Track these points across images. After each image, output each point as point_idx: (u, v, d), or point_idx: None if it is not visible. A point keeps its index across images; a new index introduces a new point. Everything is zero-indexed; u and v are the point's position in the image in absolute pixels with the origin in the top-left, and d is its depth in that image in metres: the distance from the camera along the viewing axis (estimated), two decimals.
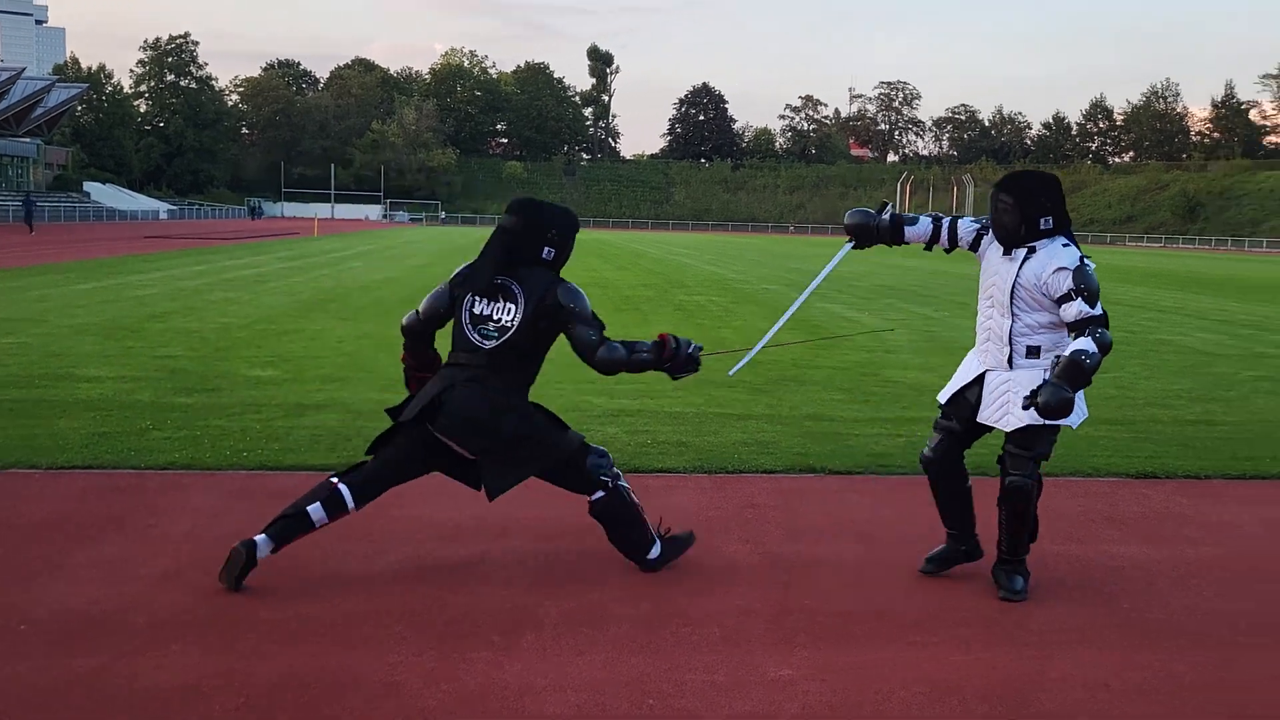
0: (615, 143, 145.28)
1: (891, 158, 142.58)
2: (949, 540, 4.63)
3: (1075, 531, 5.30)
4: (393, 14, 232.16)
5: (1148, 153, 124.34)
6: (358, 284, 19.89)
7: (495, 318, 4.24)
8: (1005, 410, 4.29)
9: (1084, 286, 4.08)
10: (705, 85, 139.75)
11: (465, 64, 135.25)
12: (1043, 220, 4.22)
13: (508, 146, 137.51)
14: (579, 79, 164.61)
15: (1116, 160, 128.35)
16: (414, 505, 5.37)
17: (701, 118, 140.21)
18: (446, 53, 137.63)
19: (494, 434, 4.19)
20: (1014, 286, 4.24)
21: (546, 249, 4.30)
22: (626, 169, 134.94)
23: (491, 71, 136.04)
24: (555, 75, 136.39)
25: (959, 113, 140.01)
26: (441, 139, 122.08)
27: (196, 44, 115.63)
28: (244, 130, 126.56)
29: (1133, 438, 7.48)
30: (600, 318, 4.29)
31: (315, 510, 4.18)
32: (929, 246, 4.70)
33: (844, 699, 3.41)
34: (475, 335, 4.26)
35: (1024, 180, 4.30)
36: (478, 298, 4.29)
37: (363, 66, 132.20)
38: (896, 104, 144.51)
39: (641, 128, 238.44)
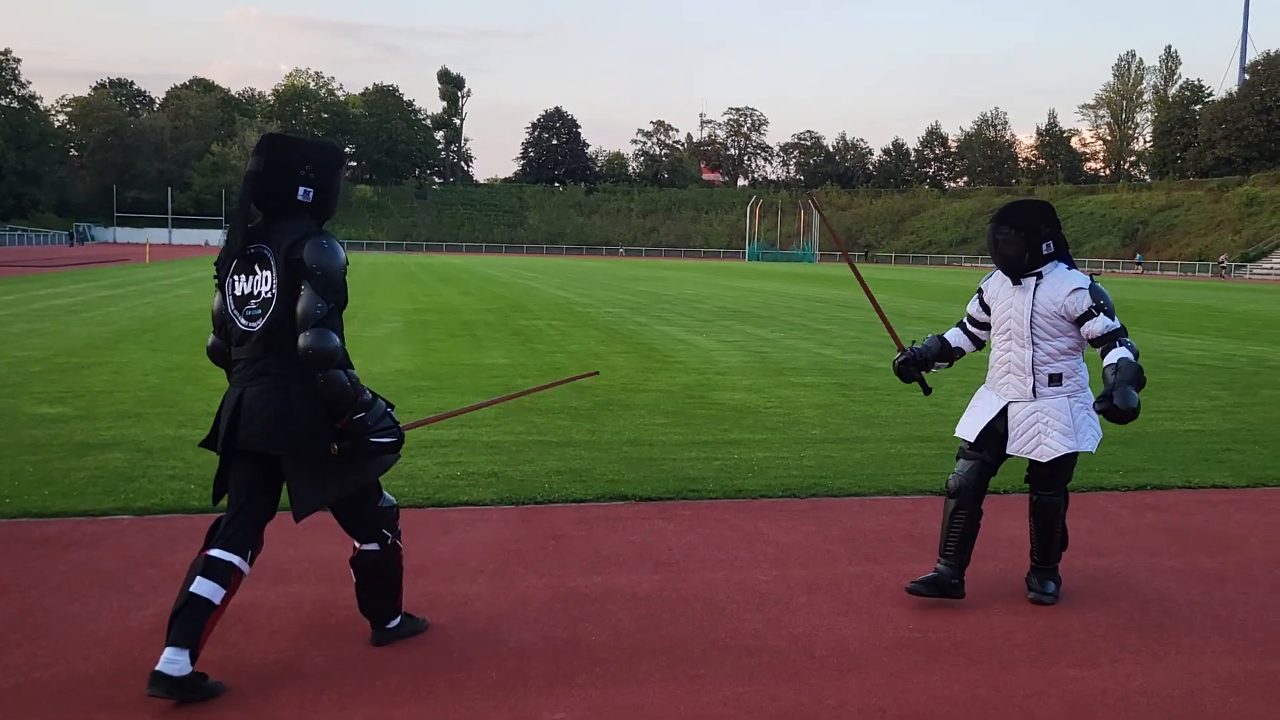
0: (468, 166, 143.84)
1: (741, 182, 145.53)
2: (944, 566, 4.55)
3: (873, 551, 5.33)
4: (235, 34, 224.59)
5: (980, 178, 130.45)
6: (181, 312, 18.93)
7: (255, 293, 3.55)
8: (1038, 442, 4.46)
9: (1102, 302, 4.36)
10: (558, 109, 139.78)
11: (311, 85, 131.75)
12: (1045, 246, 4.43)
13: (357, 170, 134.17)
14: (430, 102, 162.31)
15: (952, 185, 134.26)
16: (185, 551, 5.01)
17: (555, 142, 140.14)
18: (291, 74, 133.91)
19: (293, 430, 3.51)
20: (1032, 315, 4.43)
21: (302, 189, 3.58)
22: (480, 192, 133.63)
23: (339, 93, 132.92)
24: (405, 98, 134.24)
25: (805, 139, 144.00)
26: None
27: (18, 61, 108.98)
28: (72, 152, 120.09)
29: (939, 455, 7.65)
30: (342, 295, 3.52)
31: (200, 586, 3.44)
32: (978, 346, 4.90)
33: None
34: (242, 320, 3.57)
35: (1022, 210, 4.47)
36: (236, 277, 3.60)
37: (201, 87, 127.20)
38: (745, 130, 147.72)
39: (494, 151, 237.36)
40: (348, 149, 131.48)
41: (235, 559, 3.56)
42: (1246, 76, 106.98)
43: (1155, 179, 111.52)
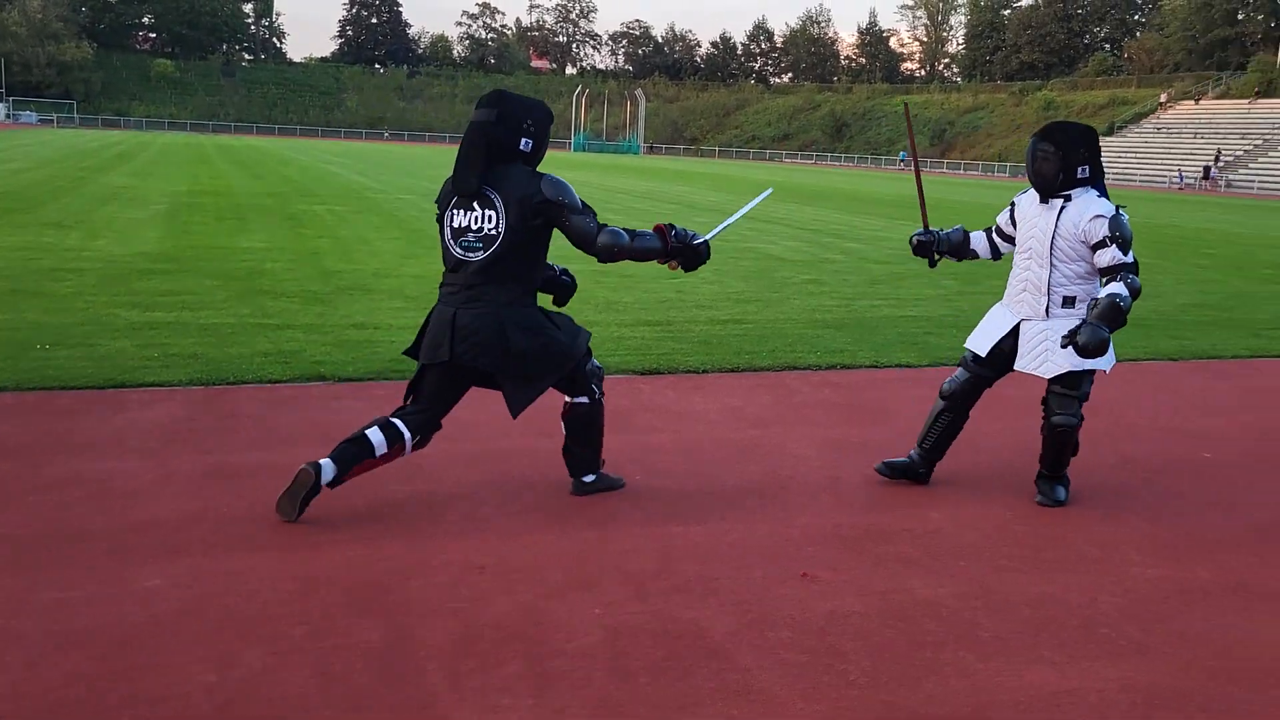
0: (281, 43, 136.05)
1: (570, 70, 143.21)
2: (916, 455, 4.87)
3: (545, 426, 5.52)
4: None
5: (804, 74, 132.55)
6: None
7: (476, 228, 4.09)
8: (1044, 359, 4.53)
9: (1118, 234, 4.37)
10: None
11: None
12: (1080, 169, 4.46)
13: (156, 42, 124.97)
14: None
15: (776, 81, 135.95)
16: None
17: (374, 20, 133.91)
18: None
19: (505, 351, 4.09)
20: (1053, 237, 4.48)
21: (524, 140, 4.15)
22: (294, 72, 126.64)
23: None
24: None
25: (634, 28, 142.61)
26: (75, 30, 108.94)
27: None
28: None
29: (659, 337, 7.95)
30: (588, 204, 4.16)
31: (374, 434, 4.12)
32: (996, 256, 5.02)
33: (200, 604, 3.36)
34: (458, 249, 4.13)
35: (1066, 130, 4.51)
36: (457, 211, 4.15)
37: None
38: (574, 16, 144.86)
39: (310, 28, 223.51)
40: (145, 18, 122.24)
41: (408, 434, 4.20)
42: None
43: (965, 81, 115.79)
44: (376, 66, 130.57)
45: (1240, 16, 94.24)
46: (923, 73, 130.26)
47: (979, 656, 3.26)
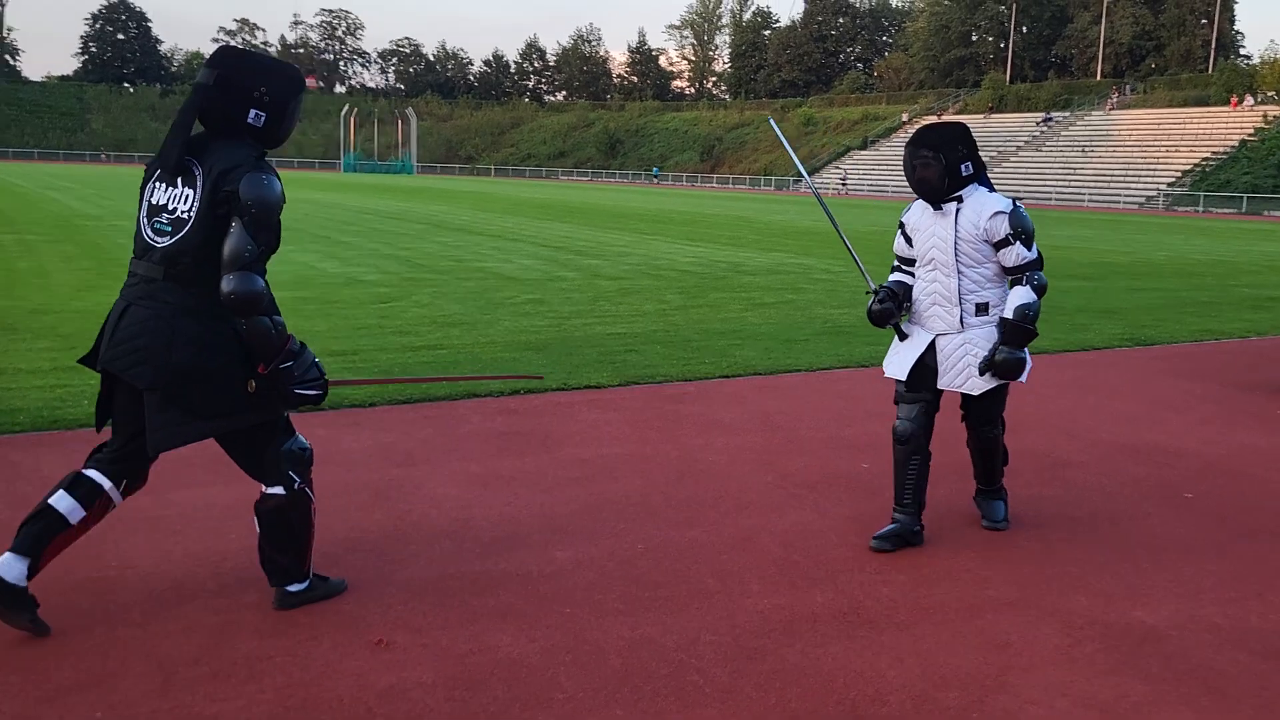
0: (14, 60, 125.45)
1: (339, 89, 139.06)
2: (903, 515, 4.35)
3: None
4: None
5: (577, 92, 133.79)
6: None
7: (170, 207, 3.28)
8: (968, 375, 4.28)
9: (1020, 230, 4.19)
10: (123, 1, 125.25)
11: None
12: (963, 167, 4.22)
13: None
14: None
15: (550, 99, 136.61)
16: None
17: (121, 37, 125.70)
18: None
19: (164, 366, 3.22)
20: (955, 242, 4.24)
21: (254, 111, 3.34)
22: (30, 91, 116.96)
23: None
24: None
25: (404, 46, 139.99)
26: None
27: None
28: None
29: (335, 370, 7.30)
30: (274, 236, 3.28)
31: (60, 501, 3.32)
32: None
33: None
34: (149, 231, 3.30)
35: (939, 131, 4.25)
36: (159, 184, 3.34)
37: None
38: (340, 33, 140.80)
39: (48, 44, 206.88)
40: None
41: (107, 484, 3.41)
42: (806, 5, 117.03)
43: (732, 99, 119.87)
44: (125, 85, 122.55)
45: (974, 38, 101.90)
46: (692, 90, 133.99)
47: None
